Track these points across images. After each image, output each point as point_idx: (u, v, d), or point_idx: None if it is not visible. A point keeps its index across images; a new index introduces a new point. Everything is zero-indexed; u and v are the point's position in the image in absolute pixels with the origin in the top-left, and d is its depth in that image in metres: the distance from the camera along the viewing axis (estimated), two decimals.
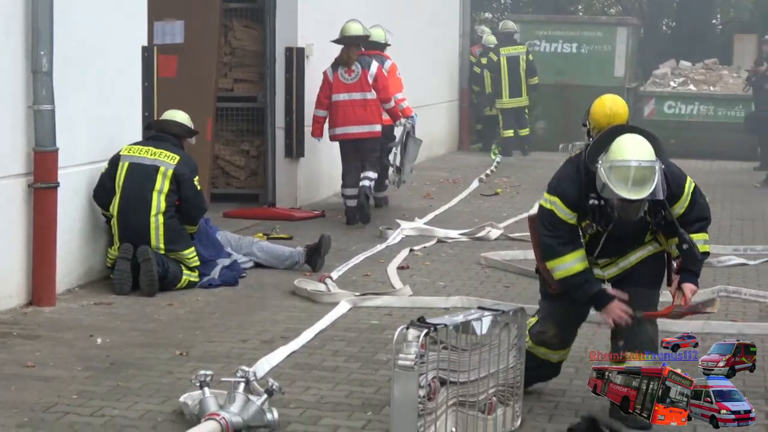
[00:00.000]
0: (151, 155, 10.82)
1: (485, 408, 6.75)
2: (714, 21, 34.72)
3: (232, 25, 15.53)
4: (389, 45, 16.41)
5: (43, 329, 9.08)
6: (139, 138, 11.46)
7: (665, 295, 7.50)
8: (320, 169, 16.15)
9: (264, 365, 8.06)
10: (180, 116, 11.34)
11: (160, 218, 10.65)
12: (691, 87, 25.68)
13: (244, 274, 11.27)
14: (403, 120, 15.43)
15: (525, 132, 23.51)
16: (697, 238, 7.15)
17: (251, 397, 6.82)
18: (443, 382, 6.51)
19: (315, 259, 11.53)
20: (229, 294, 10.66)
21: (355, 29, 14.95)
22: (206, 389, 6.88)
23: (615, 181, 6.75)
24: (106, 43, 11.07)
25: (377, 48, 15.95)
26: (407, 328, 6.45)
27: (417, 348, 6.36)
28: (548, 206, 7.17)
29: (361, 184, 14.51)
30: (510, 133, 23.03)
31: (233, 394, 6.82)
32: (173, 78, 13.58)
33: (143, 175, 10.72)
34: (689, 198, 7.18)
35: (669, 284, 7.34)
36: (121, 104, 11.44)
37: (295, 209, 14.96)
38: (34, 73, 9.70)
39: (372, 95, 14.73)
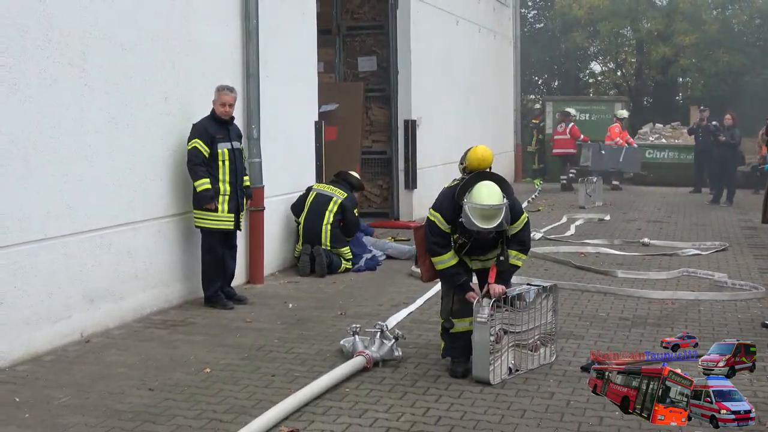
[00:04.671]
0: (330, 190, 11.03)
1: (532, 348, 6.70)
2: (677, 97, 34.15)
3: (370, 105, 15.56)
4: (625, 117, 22.85)
5: (256, 298, 9.17)
6: (314, 178, 11.58)
7: None
8: (426, 196, 16.06)
9: (393, 320, 8.10)
10: (355, 175, 11.76)
11: (328, 227, 10.74)
12: (663, 140, 25.23)
13: (380, 263, 11.26)
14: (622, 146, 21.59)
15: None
16: (518, 255, 6.59)
17: (385, 340, 6.84)
18: (505, 332, 6.48)
19: None
20: (370, 276, 10.68)
21: (568, 111, 21.97)
22: (356, 336, 6.94)
23: (473, 216, 6.32)
24: (292, 119, 11.20)
25: (621, 120, 22.21)
26: (482, 297, 6.45)
27: (488, 310, 6.35)
28: (432, 218, 6.65)
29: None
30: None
31: (373, 338, 6.86)
32: (334, 140, 13.67)
33: (323, 200, 10.87)
34: (521, 226, 6.59)
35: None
36: (302, 157, 11.54)
37: (411, 221, 14.93)
38: (248, 139, 9.81)
39: (568, 136, 21.34)
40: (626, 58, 34.71)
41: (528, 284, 6.94)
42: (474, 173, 6.59)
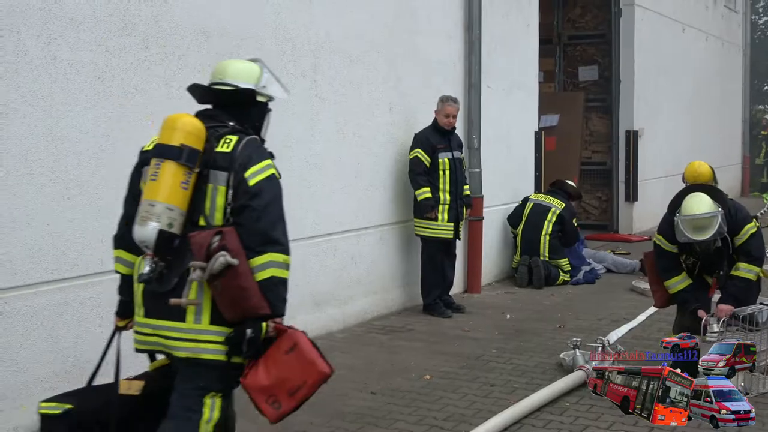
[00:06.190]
0: (548, 200, 10.91)
1: (765, 371, 6.38)
2: None
3: (590, 116, 15.33)
4: None
5: (473, 307, 9.20)
6: (532, 189, 11.50)
7: None
8: (647, 209, 15.61)
9: (613, 335, 7.91)
10: (572, 183, 11.57)
11: (547, 237, 10.63)
12: None
13: (599, 276, 11.05)
14: None
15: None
16: (746, 267, 6.44)
17: (606, 356, 6.63)
18: None
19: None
20: (589, 289, 10.48)
21: None
22: (577, 350, 6.82)
23: (685, 228, 6.27)
24: (513, 129, 11.18)
25: None
26: (712, 316, 6.22)
27: (717, 327, 6.13)
28: (657, 242, 6.64)
29: None
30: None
31: (594, 353, 6.72)
32: (553, 150, 13.54)
33: (541, 211, 10.77)
34: (746, 235, 6.42)
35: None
36: (521, 167, 11.50)
37: (631, 235, 14.58)
38: (469, 149, 9.89)
39: None
40: None
41: (762, 303, 6.61)
42: (685, 187, 6.61)
